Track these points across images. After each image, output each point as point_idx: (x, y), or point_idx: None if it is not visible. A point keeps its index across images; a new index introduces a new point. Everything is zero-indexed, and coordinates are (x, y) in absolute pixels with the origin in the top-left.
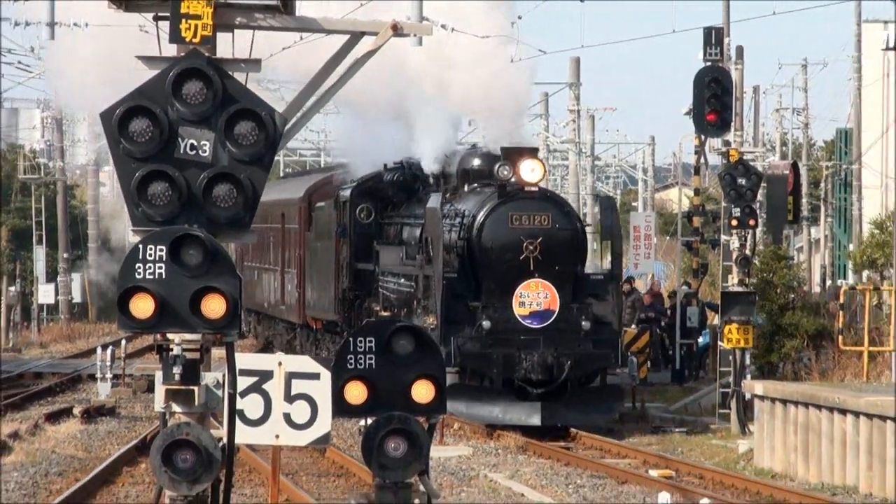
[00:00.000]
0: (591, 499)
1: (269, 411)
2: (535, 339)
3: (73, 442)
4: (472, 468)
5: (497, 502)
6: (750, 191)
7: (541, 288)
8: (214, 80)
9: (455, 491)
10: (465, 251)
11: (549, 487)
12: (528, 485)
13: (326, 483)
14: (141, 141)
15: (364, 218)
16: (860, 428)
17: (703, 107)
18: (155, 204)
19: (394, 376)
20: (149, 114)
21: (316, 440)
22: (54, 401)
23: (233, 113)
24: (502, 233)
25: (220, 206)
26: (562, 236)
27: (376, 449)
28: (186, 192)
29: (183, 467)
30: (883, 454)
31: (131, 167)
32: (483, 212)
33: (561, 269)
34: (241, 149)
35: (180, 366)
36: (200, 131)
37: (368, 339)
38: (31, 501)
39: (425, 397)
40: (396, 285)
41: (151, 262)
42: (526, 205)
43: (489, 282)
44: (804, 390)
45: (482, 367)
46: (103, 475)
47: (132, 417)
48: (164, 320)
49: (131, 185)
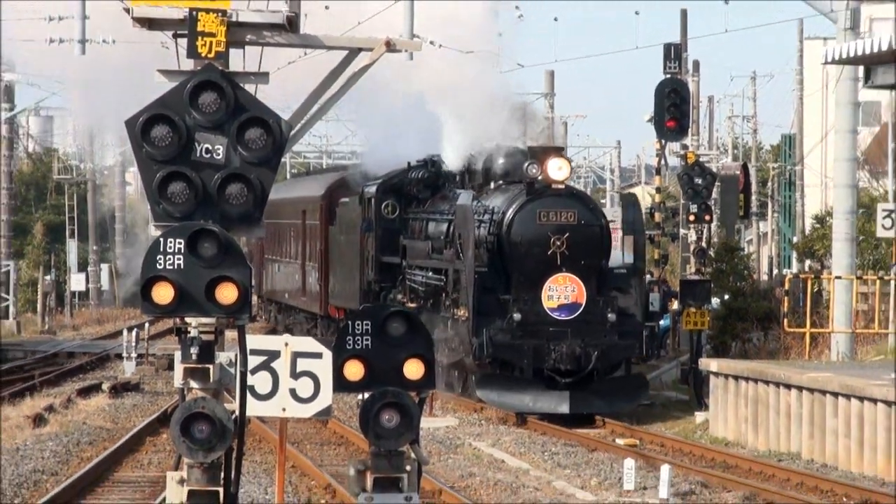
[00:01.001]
0: (564, 464)
1: (276, 387)
2: (563, 331)
3: (101, 414)
4: (458, 437)
5: (480, 467)
6: (705, 189)
7: (568, 282)
8: (227, 91)
9: (443, 458)
10: (495, 246)
11: (527, 454)
12: (508, 452)
13: (328, 451)
14: (162, 145)
15: (389, 213)
16: (803, 401)
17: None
18: (174, 202)
19: (388, 356)
20: (168, 121)
21: (319, 412)
22: (85, 377)
23: (243, 120)
24: (531, 228)
25: (233, 204)
26: (587, 232)
27: (372, 420)
28: (202, 191)
29: (199, 437)
30: (823, 424)
31: (153, 169)
32: (512, 208)
33: (587, 263)
34: (251, 152)
35: (197, 346)
36: (214, 136)
37: (365, 323)
38: (64, 467)
39: (416, 374)
40: (425, 278)
41: (171, 254)
42: (553, 202)
43: (518, 275)
44: (754, 367)
45: (513, 358)
46: (129, 444)
47: (154, 392)
48: (182, 306)
49: (153, 184)
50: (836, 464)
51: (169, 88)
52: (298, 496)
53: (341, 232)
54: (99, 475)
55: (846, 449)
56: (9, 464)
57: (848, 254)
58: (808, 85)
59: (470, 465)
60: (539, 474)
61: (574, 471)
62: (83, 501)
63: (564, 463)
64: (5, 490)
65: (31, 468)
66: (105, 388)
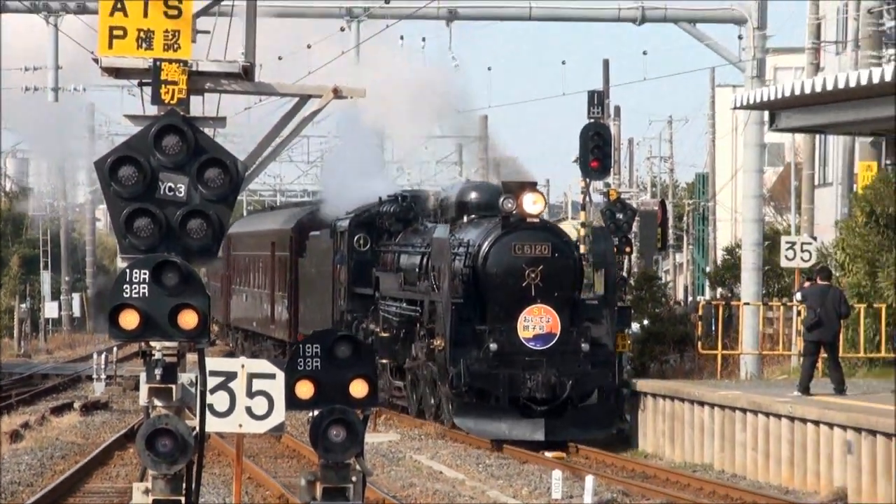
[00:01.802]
0: (497, 475)
1: (233, 405)
2: (538, 360)
3: (73, 431)
4: (399, 451)
5: (420, 479)
6: (626, 224)
7: (543, 312)
8: (188, 134)
9: (386, 470)
10: (471, 278)
11: (463, 466)
12: (445, 464)
13: (282, 463)
14: (128, 184)
15: (361, 246)
16: (715, 417)
17: (588, 155)
18: (140, 236)
19: (335, 376)
20: (134, 162)
21: (273, 428)
22: (58, 397)
23: (203, 161)
24: (506, 261)
25: (193, 238)
26: (561, 264)
27: (321, 435)
28: (165, 226)
29: (163, 451)
30: (732, 438)
31: (120, 206)
32: (488, 241)
33: (560, 294)
34: (210, 190)
35: (161, 368)
36: (177, 176)
37: (315, 346)
38: (39, 479)
39: (361, 393)
40: (399, 309)
41: (137, 284)
42: (528, 235)
43: (494, 306)
44: (670, 386)
45: (489, 386)
46: (98, 458)
47: (122, 410)
48: (147, 331)
49: (120, 220)
50: (744, 474)
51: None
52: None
53: (312, 264)
54: (71, 486)
55: (753, 460)
56: None
57: (755, 282)
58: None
59: (410, 477)
60: (474, 484)
61: (506, 481)
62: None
63: (497, 474)
64: None
65: (9, 480)
66: (76, 407)
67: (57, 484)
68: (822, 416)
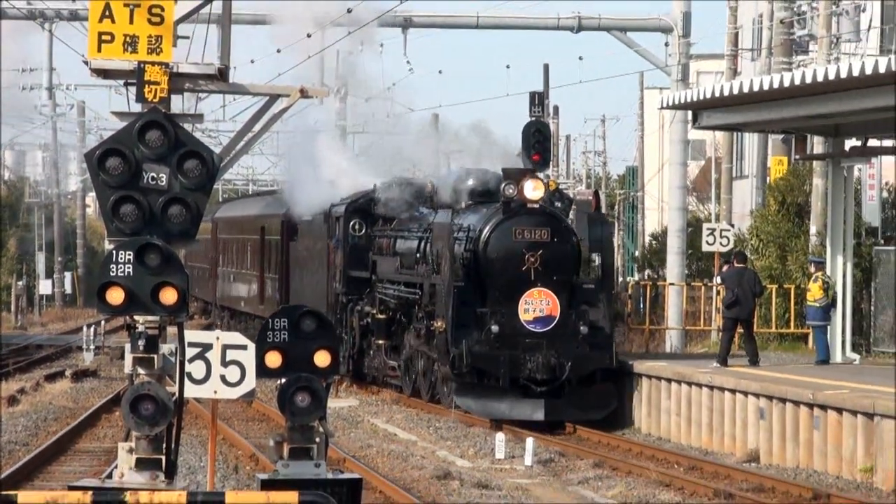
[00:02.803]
0: (446, 437)
1: (209, 373)
2: (538, 342)
3: (64, 396)
4: (358, 415)
5: (377, 440)
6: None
7: (543, 296)
8: (169, 129)
9: (346, 432)
10: (472, 261)
11: (416, 429)
12: (399, 427)
13: (252, 426)
14: (115, 174)
15: (357, 231)
16: (642, 385)
17: (530, 150)
18: (125, 220)
19: (301, 348)
20: (121, 154)
21: (244, 395)
22: (51, 365)
23: (182, 153)
24: (506, 245)
25: (174, 222)
26: (559, 249)
27: (288, 401)
28: (148, 212)
29: (145, 414)
30: (658, 405)
31: (107, 193)
32: (489, 226)
33: (558, 278)
34: (189, 179)
35: (144, 339)
36: (159, 167)
37: (283, 321)
38: (34, 439)
39: (324, 363)
40: (396, 291)
41: (122, 264)
42: (528, 220)
43: (494, 290)
44: None
45: (490, 367)
46: (87, 421)
47: (109, 378)
48: (131, 306)
49: (107, 206)
50: (669, 437)
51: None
52: (227, 463)
53: (304, 247)
54: (62, 446)
55: (677, 425)
56: None
57: (679, 264)
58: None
59: (368, 438)
60: (425, 445)
61: (454, 442)
62: (50, 467)
63: (447, 436)
64: None
65: (6, 440)
66: (68, 374)
67: (50, 444)
68: (737, 386)
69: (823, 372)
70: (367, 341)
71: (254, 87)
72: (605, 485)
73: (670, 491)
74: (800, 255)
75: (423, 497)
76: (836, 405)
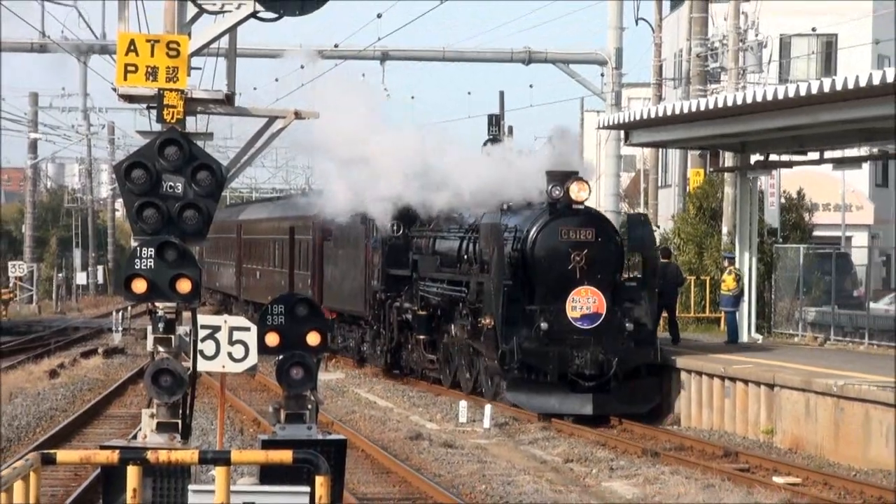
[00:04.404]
0: (418, 404)
1: (218, 351)
2: (585, 339)
3: (97, 370)
4: (345, 386)
5: (360, 407)
6: None
7: (590, 294)
8: (184, 146)
9: (334, 400)
10: (520, 261)
11: (392, 398)
12: (378, 396)
13: (255, 395)
14: (139, 183)
15: (395, 232)
16: None
17: None
18: (147, 222)
19: (296, 329)
20: (143, 166)
21: (248, 369)
22: (86, 344)
23: (195, 166)
24: (553, 245)
25: (188, 224)
26: (604, 248)
27: (285, 374)
28: (167, 215)
29: (165, 385)
30: None
31: (133, 199)
32: (536, 226)
33: (602, 277)
34: (201, 188)
35: (163, 322)
36: (176, 177)
37: (280, 306)
38: (71, 406)
39: (315, 342)
40: (439, 289)
41: (145, 258)
42: (573, 220)
43: (541, 288)
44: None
45: (540, 363)
46: (116, 391)
47: (135, 355)
48: (153, 294)
49: (132, 210)
50: None
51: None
52: (234, 426)
53: (339, 246)
54: (96, 411)
55: None
56: (33, 403)
57: None
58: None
59: (352, 405)
60: (400, 411)
61: (425, 409)
62: (85, 430)
63: (418, 403)
64: (31, 422)
65: (48, 407)
66: (100, 352)
67: (85, 410)
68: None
69: (733, 350)
70: (403, 336)
71: (256, 109)
72: (552, 444)
73: (605, 449)
74: (714, 252)
75: (399, 454)
76: (743, 377)
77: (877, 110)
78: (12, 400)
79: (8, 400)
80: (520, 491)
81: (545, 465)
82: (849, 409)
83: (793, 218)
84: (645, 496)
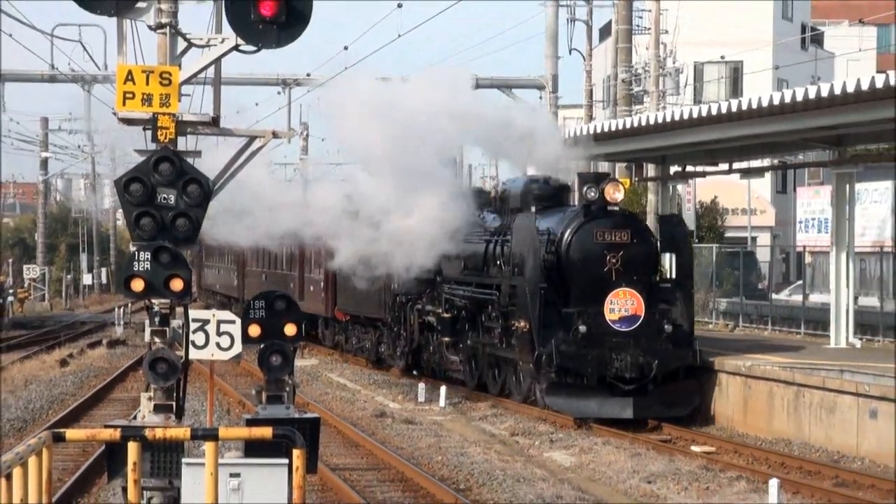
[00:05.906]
0: (382, 387)
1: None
2: (624, 342)
3: (102, 359)
4: (318, 371)
5: (332, 389)
6: None
7: (628, 296)
8: (176, 162)
9: (309, 384)
10: (554, 263)
11: (360, 381)
12: (348, 380)
13: (240, 380)
14: (136, 195)
15: None
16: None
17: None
18: (144, 230)
19: (275, 321)
20: (140, 181)
21: (234, 357)
22: (92, 336)
23: (186, 180)
24: (588, 247)
25: (180, 231)
26: (639, 250)
27: (265, 360)
28: (161, 223)
29: (161, 372)
30: None
31: (131, 209)
32: (570, 228)
33: (638, 278)
34: (191, 199)
35: (159, 317)
36: (169, 190)
37: (261, 302)
38: (79, 391)
39: (292, 333)
40: (466, 292)
41: (143, 261)
42: (608, 222)
43: (577, 290)
44: None
45: (578, 367)
46: (119, 377)
47: (135, 345)
48: (149, 292)
49: (131, 219)
50: None
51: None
52: (222, 407)
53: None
54: (101, 395)
55: None
56: (46, 389)
57: None
58: None
59: (325, 388)
60: (367, 393)
61: (388, 390)
62: (91, 411)
63: (382, 386)
64: (44, 405)
65: (59, 392)
66: (104, 343)
67: (91, 394)
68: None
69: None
70: (424, 337)
71: (238, 130)
72: (500, 420)
73: (546, 423)
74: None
75: (366, 430)
76: None
77: (777, 126)
78: (28, 386)
79: (24, 387)
80: (471, 461)
81: (494, 438)
82: (755, 386)
83: (707, 221)
84: (581, 464)
